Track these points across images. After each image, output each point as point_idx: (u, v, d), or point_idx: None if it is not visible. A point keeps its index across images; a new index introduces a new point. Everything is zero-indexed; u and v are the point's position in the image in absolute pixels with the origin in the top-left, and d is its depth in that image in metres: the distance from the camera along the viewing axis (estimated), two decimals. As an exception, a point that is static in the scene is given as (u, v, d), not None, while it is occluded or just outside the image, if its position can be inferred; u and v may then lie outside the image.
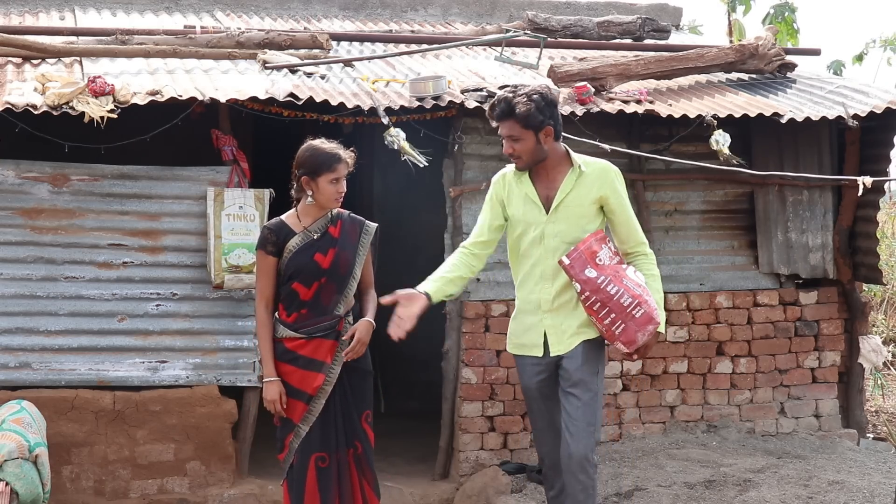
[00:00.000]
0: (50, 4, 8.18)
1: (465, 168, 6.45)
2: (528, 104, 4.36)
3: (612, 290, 4.33)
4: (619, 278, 4.36)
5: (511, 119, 4.40)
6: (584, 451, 4.39)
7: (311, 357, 4.62)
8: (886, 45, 14.29)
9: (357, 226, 4.77)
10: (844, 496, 5.71)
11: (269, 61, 6.77)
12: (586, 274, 4.35)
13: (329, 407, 4.64)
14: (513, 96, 4.41)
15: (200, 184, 6.16)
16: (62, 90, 5.72)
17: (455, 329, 6.46)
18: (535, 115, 4.36)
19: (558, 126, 4.47)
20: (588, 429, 4.40)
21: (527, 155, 4.44)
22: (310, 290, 4.62)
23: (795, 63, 7.63)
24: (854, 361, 7.12)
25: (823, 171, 6.95)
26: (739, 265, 7.01)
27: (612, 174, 4.50)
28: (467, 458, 6.43)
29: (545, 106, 4.40)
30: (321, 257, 4.62)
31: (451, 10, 9.01)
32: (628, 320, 4.35)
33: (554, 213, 4.46)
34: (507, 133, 4.44)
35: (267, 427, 6.53)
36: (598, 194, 4.45)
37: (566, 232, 4.44)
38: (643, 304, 4.34)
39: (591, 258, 4.37)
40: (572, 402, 4.42)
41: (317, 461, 4.62)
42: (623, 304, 4.33)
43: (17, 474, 4.83)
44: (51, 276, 6.03)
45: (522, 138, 4.41)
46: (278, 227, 4.70)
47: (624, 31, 8.30)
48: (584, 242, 4.40)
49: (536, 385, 4.57)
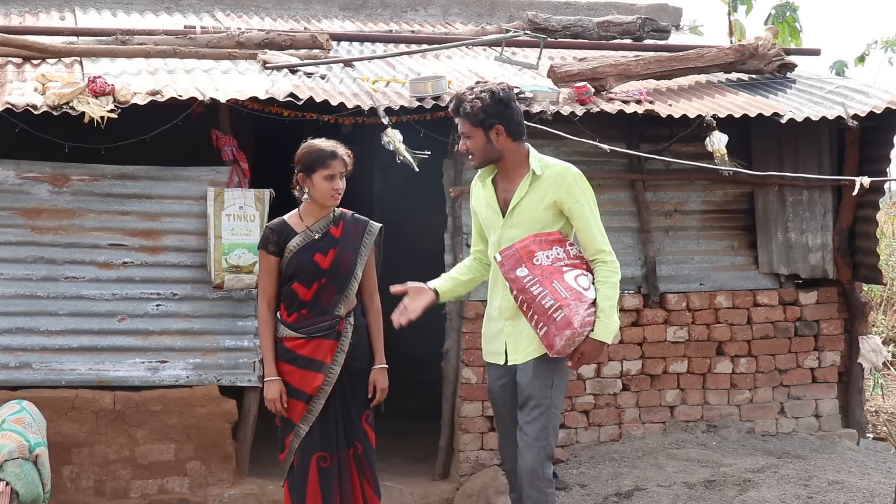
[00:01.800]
0: (50, 4, 8.18)
1: (465, 168, 6.44)
2: (475, 102, 4.29)
3: (536, 291, 4.20)
4: (549, 280, 4.21)
5: (460, 116, 4.36)
6: (531, 466, 4.29)
7: (310, 357, 4.62)
8: (888, 45, 14.29)
9: (360, 226, 4.76)
10: (844, 496, 5.71)
11: (270, 61, 6.77)
12: (516, 273, 4.25)
13: (329, 407, 4.64)
14: (465, 93, 4.37)
15: (200, 184, 6.16)
16: (62, 90, 5.72)
17: (455, 329, 6.46)
18: (480, 114, 4.28)
19: (512, 125, 4.33)
20: (537, 443, 4.29)
21: (478, 153, 4.37)
22: (310, 290, 4.62)
23: (795, 63, 7.63)
24: (854, 361, 7.12)
25: (823, 172, 6.95)
26: (739, 265, 7.02)
27: (570, 178, 4.32)
28: (467, 458, 6.43)
29: (493, 104, 4.29)
30: (321, 257, 4.61)
31: (451, 11, 9.01)
32: (549, 323, 4.19)
33: (509, 217, 4.37)
34: (460, 130, 4.40)
35: (267, 427, 6.54)
36: (553, 199, 4.29)
37: (521, 237, 4.32)
38: (564, 308, 4.17)
39: (526, 257, 4.25)
40: (523, 417, 4.35)
41: (318, 461, 4.62)
42: (544, 305, 4.19)
43: (18, 474, 4.82)
44: (51, 276, 6.03)
45: (472, 136, 4.34)
46: (280, 226, 4.70)
47: (624, 31, 8.30)
48: (522, 241, 4.29)
49: (497, 389, 4.49)
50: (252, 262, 5.98)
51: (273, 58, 6.83)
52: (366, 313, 4.78)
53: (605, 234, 4.37)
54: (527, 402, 4.34)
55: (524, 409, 4.35)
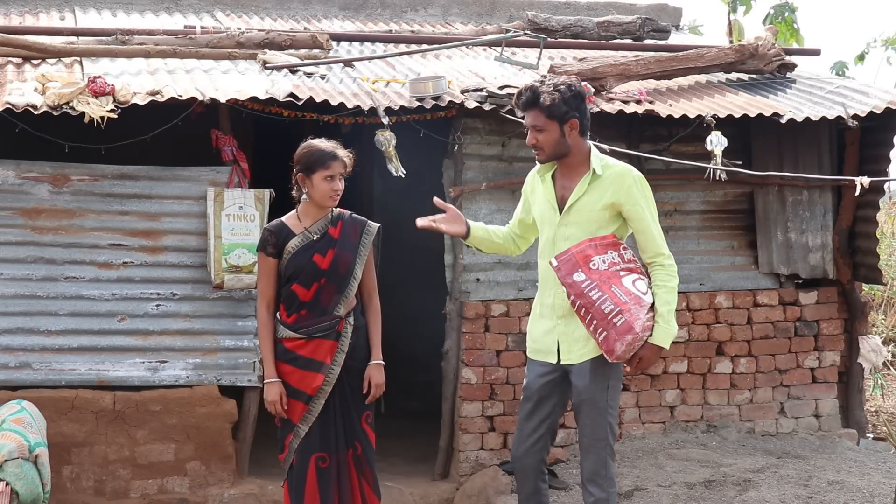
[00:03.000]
0: (50, 4, 8.18)
1: (465, 168, 6.45)
2: (554, 94, 4.26)
3: (595, 296, 4.19)
4: (608, 284, 4.20)
5: (535, 108, 4.30)
6: (593, 466, 4.35)
7: (310, 357, 4.61)
8: (887, 44, 14.29)
9: (358, 226, 4.75)
10: (844, 496, 5.71)
11: (269, 61, 6.77)
12: (573, 277, 4.23)
13: (329, 407, 4.64)
14: (540, 85, 4.32)
15: (200, 184, 6.16)
16: (62, 90, 5.72)
17: (455, 329, 6.46)
18: (561, 106, 4.26)
19: (584, 120, 4.34)
20: (598, 444, 4.34)
21: (549, 147, 4.33)
22: (309, 291, 4.62)
23: (795, 63, 7.63)
24: (854, 361, 7.12)
25: (823, 172, 6.95)
26: (739, 265, 7.02)
27: (631, 180, 4.30)
28: (467, 458, 6.43)
29: (571, 97, 4.28)
30: (320, 258, 4.61)
31: (451, 11, 9.01)
32: (609, 328, 4.18)
33: (566, 215, 4.36)
34: (531, 123, 4.34)
35: (267, 427, 6.53)
36: (612, 200, 4.29)
37: (576, 236, 4.31)
38: (625, 313, 4.15)
39: (583, 262, 4.24)
40: (582, 420, 4.39)
41: (317, 461, 4.62)
42: (604, 310, 4.17)
43: (18, 474, 4.83)
44: (51, 276, 6.03)
45: (546, 129, 4.30)
46: (278, 228, 4.69)
47: (624, 31, 8.30)
48: (578, 245, 4.29)
49: (539, 386, 4.47)
50: (252, 262, 5.98)
51: (273, 58, 6.83)
52: (365, 312, 4.78)
53: (663, 236, 4.37)
54: (583, 405, 4.35)
55: (581, 411, 4.37)
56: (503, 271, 6.51)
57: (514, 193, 6.52)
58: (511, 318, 6.48)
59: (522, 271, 6.54)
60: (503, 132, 6.43)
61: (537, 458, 4.51)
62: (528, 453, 4.49)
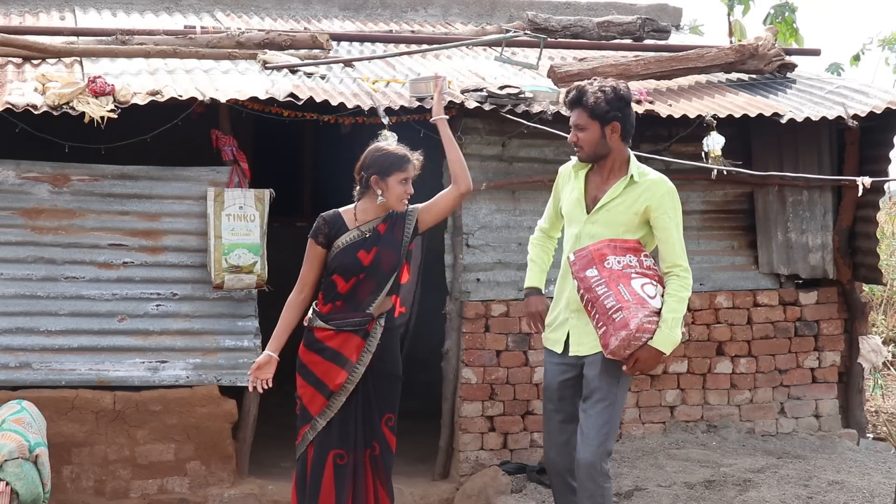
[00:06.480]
0: (50, 4, 8.18)
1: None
2: (598, 94, 4.36)
3: (600, 291, 4.29)
4: (616, 283, 4.30)
5: (579, 107, 4.41)
6: (590, 459, 4.38)
7: (337, 350, 4.63)
8: (884, 44, 14.29)
9: (402, 219, 4.75)
10: (844, 496, 5.71)
11: (270, 61, 6.77)
12: (586, 272, 4.34)
13: (351, 405, 4.65)
14: (586, 85, 4.43)
15: (200, 184, 6.16)
16: (62, 90, 5.72)
17: (455, 329, 6.46)
18: (603, 106, 4.36)
19: (627, 124, 4.43)
20: (597, 437, 4.37)
21: (589, 146, 4.43)
22: (347, 283, 4.64)
23: (795, 63, 7.62)
24: (854, 361, 7.12)
25: (823, 172, 6.95)
26: (739, 265, 7.02)
27: (664, 189, 4.43)
28: (467, 458, 6.43)
29: (615, 99, 4.38)
30: (364, 254, 4.63)
31: (451, 11, 9.02)
32: (608, 323, 4.28)
33: (594, 214, 4.45)
34: (574, 121, 4.45)
35: (267, 427, 6.55)
36: (644, 206, 4.39)
37: (601, 234, 4.40)
38: (624, 310, 4.25)
39: (598, 259, 4.34)
40: (586, 410, 4.43)
41: (335, 458, 4.63)
42: (606, 305, 4.28)
43: (18, 474, 4.83)
44: (51, 276, 6.03)
45: (588, 128, 4.41)
46: (333, 219, 4.70)
47: (624, 31, 8.30)
48: (597, 244, 4.38)
49: (557, 385, 4.56)
50: (252, 262, 5.99)
51: (273, 58, 6.83)
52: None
53: (685, 250, 4.45)
54: (591, 395, 4.42)
55: (588, 401, 4.43)
56: (503, 271, 6.52)
57: (514, 193, 6.54)
58: (511, 318, 6.48)
59: (522, 271, 6.50)
60: (503, 132, 6.44)
61: (570, 458, 4.56)
62: (559, 453, 4.58)
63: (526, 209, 6.54)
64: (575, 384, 4.52)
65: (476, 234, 6.46)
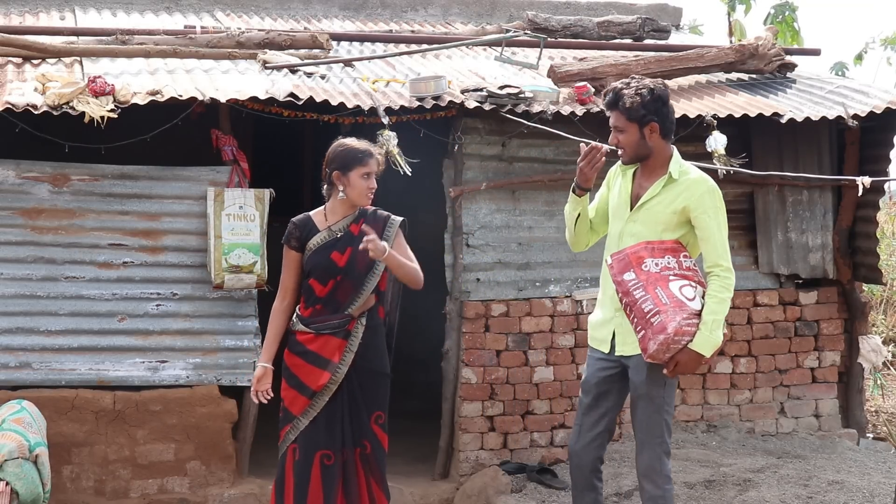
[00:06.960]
0: (50, 4, 8.18)
1: (465, 168, 6.45)
2: (634, 97, 4.35)
3: (638, 294, 4.28)
4: (653, 286, 4.27)
5: (616, 110, 4.41)
6: (648, 462, 4.41)
7: (318, 353, 4.64)
8: (886, 44, 14.30)
9: (381, 222, 4.73)
10: (844, 496, 5.71)
11: (270, 61, 6.77)
12: (623, 276, 4.33)
13: (336, 404, 4.65)
14: (623, 87, 4.41)
15: (200, 184, 6.16)
16: (62, 90, 5.72)
17: (455, 329, 6.46)
18: (639, 109, 4.34)
19: (667, 123, 4.42)
20: (653, 440, 4.39)
21: (630, 148, 4.42)
22: (325, 287, 4.64)
23: (795, 63, 7.62)
24: (854, 361, 7.12)
25: (823, 172, 6.95)
26: (739, 265, 6.96)
27: (705, 188, 4.39)
28: (467, 458, 6.43)
29: (651, 101, 4.36)
30: (338, 256, 4.62)
31: (451, 11, 9.01)
32: (647, 327, 4.26)
33: (636, 212, 4.44)
34: (613, 123, 4.45)
35: (267, 427, 6.54)
36: (683, 205, 4.37)
37: (642, 234, 4.40)
38: (662, 314, 4.22)
39: (636, 262, 4.33)
40: (637, 415, 4.44)
41: (322, 458, 4.62)
42: (644, 309, 4.26)
43: (18, 474, 4.83)
44: (51, 276, 6.03)
45: (626, 130, 4.40)
46: (303, 223, 4.72)
47: (624, 31, 8.30)
48: (634, 246, 4.37)
49: (596, 381, 4.54)
50: (252, 262, 5.99)
51: (273, 58, 6.83)
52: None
53: (728, 249, 4.42)
54: (640, 400, 4.42)
55: (637, 407, 4.43)
56: (503, 271, 6.52)
57: (514, 193, 6.54)
58: (511, 318, 6.49)
59: (522, 271, 6.55)
60: (503, 132, 6.44)
61: (595, 455, 4.57)
62: (586, 449, 4.56)
63: (526, 209, 6.54)
64: (615, 381, 4.51)
65: (476, 234, 6.46)
